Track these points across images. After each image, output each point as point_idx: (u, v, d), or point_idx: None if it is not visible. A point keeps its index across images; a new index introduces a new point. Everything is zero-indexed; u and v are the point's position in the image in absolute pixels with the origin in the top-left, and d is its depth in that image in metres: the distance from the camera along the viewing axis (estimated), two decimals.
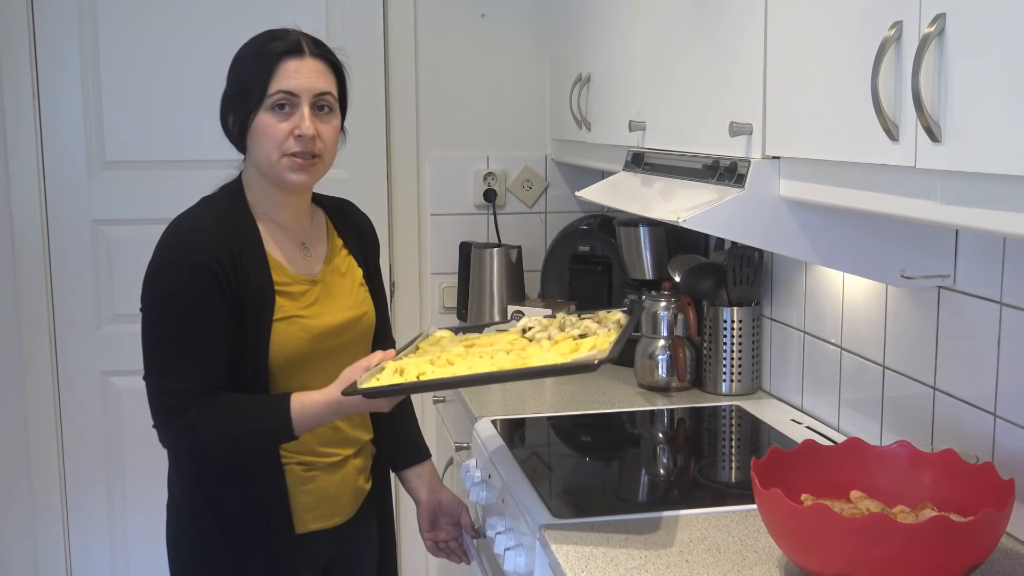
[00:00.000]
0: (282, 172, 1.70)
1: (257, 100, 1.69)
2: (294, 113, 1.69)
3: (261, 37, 1.77)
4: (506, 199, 3.15)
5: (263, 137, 1.69)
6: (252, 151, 1.73)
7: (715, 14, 1.78)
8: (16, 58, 2.86)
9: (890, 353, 1.90)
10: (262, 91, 1.68)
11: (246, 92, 1.70)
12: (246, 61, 1.74)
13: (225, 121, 1.76)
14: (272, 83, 1.69)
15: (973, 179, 1.13)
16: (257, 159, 1.72)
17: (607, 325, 1.76)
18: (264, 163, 1.71)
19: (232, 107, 1.73)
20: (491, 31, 3.09)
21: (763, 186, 1.62)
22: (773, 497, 1.36)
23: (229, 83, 1.75)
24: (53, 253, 2.96)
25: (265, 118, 1.69)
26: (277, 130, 1.68)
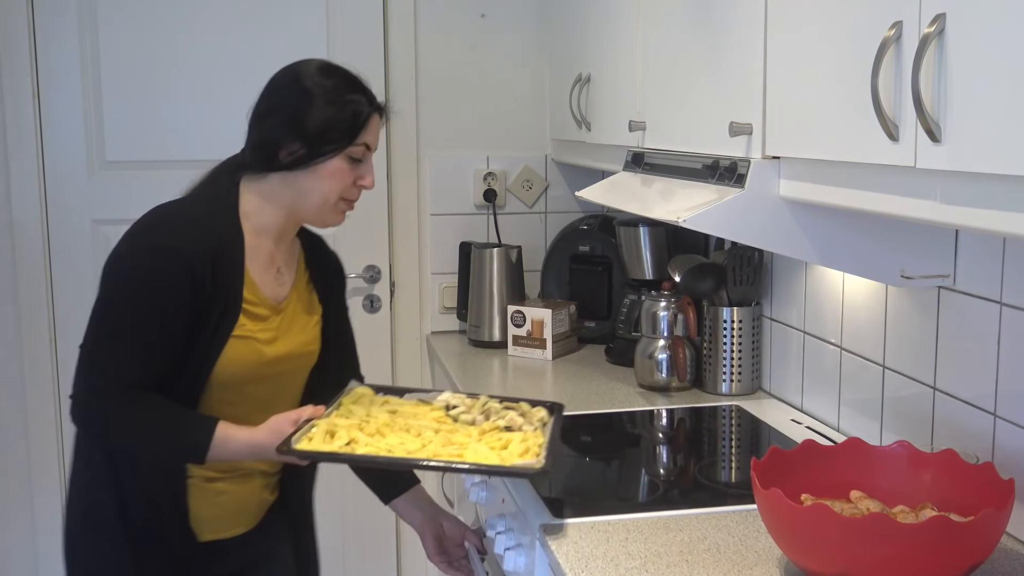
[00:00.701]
0: (329, 214, 1.74)
1: (342, 146, 1.69)
2: (361, 164, 1.74)
3: (351, 81, 1.76)
4: (506, 199, 3.15)
5: (331, 179, 1.70)
6: (301, 184, 1.70)
7: (715, 14, 1.78)
8: (16, 58, 2.86)
9: (890, 353, 1.90)
10: (351, 139, 1.70)
11: (330, 132, 1.68)
12: (335, 101, 1.71)
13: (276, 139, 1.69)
14: (362, 135, 1.71)
15: (973, 179, 1.13)
16: (306, 194, 1.71)
17: (532, 422, 1.76)
18: (315, 201, 1.71)
19: (301, 136, 1.68)
20: (491, 31, 3.09)
21: (763, 186, 1.62)
22: (773, 497, 1.36)
23: (301, 110, 1.69)
24: (53, 253, 2.96)
25: (341, 163, 1.70)
26: (348, 177, 1.72)
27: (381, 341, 3.13)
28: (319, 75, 1.73)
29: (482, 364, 2.77)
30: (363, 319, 3.11)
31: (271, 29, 2.96)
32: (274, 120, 1.72)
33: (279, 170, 1.70)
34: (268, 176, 1.72)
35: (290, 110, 1.70)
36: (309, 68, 1.75)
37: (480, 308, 2.96)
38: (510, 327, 2.83)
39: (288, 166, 1.69)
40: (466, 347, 2.96)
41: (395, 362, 3.15)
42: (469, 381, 2.57)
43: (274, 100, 1.74)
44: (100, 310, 1.64)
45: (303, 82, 1.72)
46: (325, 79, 1.73)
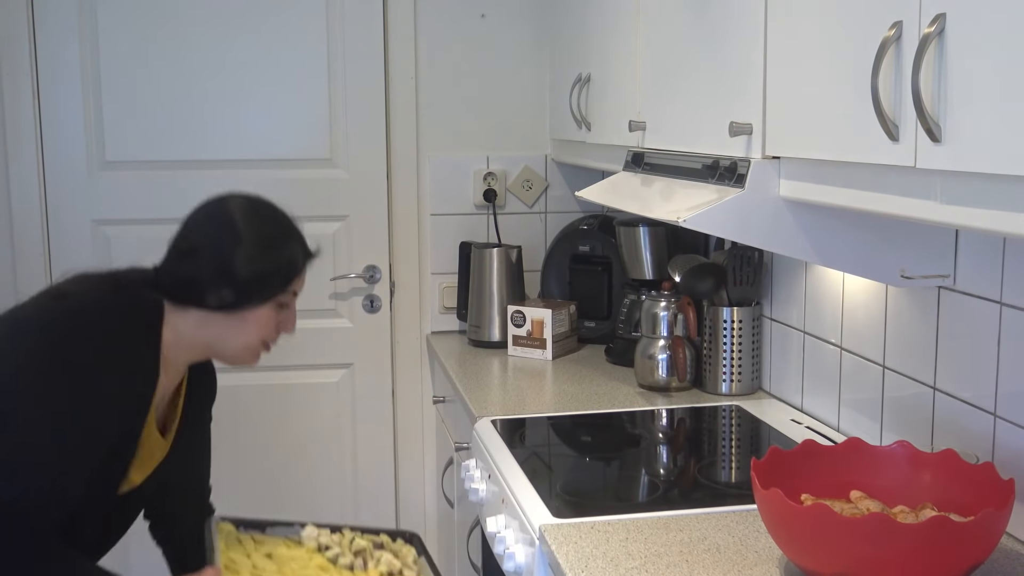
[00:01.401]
0: (248, 356, 1.68)
1: (274, 295, 1.65)
2: (286, 308, 1.69)
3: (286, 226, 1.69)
4: (506, 199, 3.15)
5: (257, 325, 1.65)
6: (223, 327, 1.63)
7: (715, 14, 1.78)
8: (16, 58, 2.86)
9: (890, 353, 1.90)
10: (283, 288, 1.66)
11: (264, 281, 1.63)
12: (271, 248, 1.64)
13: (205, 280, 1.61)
14: (293, 283, 1.68)
15: (973, 179, 1.13)
16: (227, 338, 1.65)
17: (407, 563, 1.79)
18: (235, 345, 1.66)
19: (232, 282, 1.61)
20: (491, 31, 3.09)
21: (763, 186, 1.62)
22: (773, 497, 1.36)
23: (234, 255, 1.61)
24: (53, 253, 2.97)
25: (267, 311, 1.65)
26: (271, 323, 1.66)
27: (381, 341, 3.13)
28: (255, 218, 1.65)
29: (482, 364, 2.77)
30: (363, 319, 3.11)
31: (271, 29, 2.96)
32: (204, 260, 1.63)
33: (202, 308, 1.63)
34: (187, 311, 1.64)
35: (222, 253, 1.62)
36: (244, 207, 1.66)
37: (480, 308, 2.96)
38: (510, 327, 2.83)
39: (212, 308, 1.62)
40: (466, 347, 2.97)
41: (395, 362, 3.15)
42: (469, 381, 2.57)
43: (204, 238, 1.65)
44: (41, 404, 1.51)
45: (237, 225, 1.63)
46: (261, 223, 1.65)
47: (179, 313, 1.64)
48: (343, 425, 3.13)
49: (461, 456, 2.47)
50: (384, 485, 3.17)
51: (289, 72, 2.98)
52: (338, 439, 3.13)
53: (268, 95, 2.98)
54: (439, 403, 3.01)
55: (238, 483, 2.98)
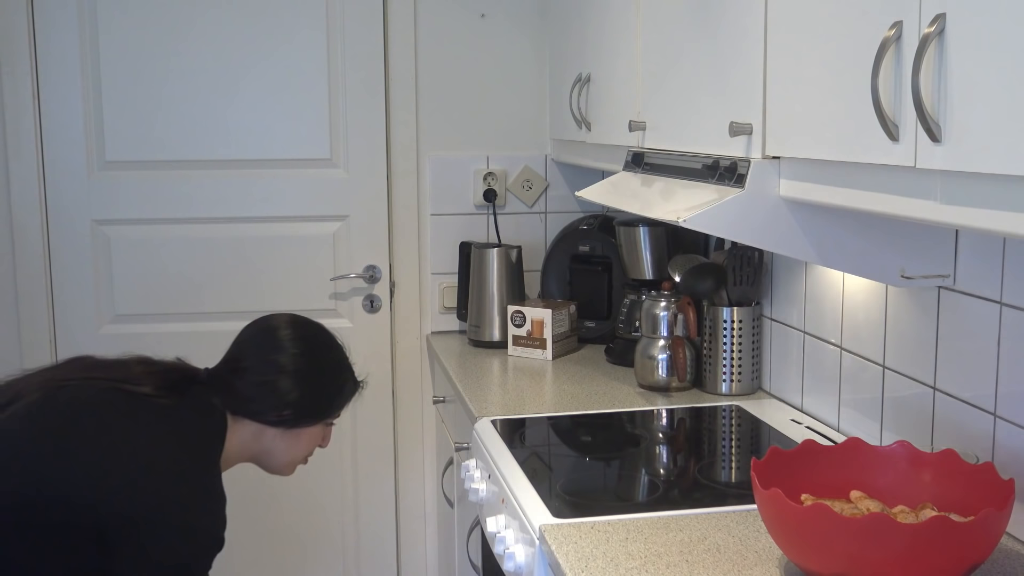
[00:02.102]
0: (290, 469, 1.87)
1: (330, 416, 1.87)
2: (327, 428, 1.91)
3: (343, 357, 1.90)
4: (506, 199, 3.15)
5: (309, 440, 1.85)
6: (276, 440, 1.80)
7: (715, 14, 1.78)
8: (16, 58, 2.86)
9: (890, 353, 1.90)
10: (337, 412, 1.88)
11: (326, 405, 1.85)
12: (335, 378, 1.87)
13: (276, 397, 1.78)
14: (342, 410, 1.91)
15: (973, 179, 1.13)
16: (278, 451, 1.82)
17: None
18: (284, 459, 1.83)
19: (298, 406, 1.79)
20: (491, 31, 3.09)
21: (763, 186, 1.62)
22: (773, 497, 1.36)
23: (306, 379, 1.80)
24: (53, 253, 2.97)
25: (317, 430, 1.86)
26: (316, 440, 1.88)
27: (381, 341, 3.13)
28: (317, 345, 1.85)
29: (482, 364, 2.77)
30: (363, 319, 3.11)
31: (271, 29, 2.96)
32: (270, 381, 1.78)
33: (260, 422, 1.78)
34: (244, 422, 1.78)
35: (285, 376, 1.79)
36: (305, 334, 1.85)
37: (480, 308, 2.96)
38: (510, 327, 2.83)
39: (271, 423, 1.79)
40: (466, 347, 2.97)
41: (395, 362, 3.15)
42: (469, 381, 2.57)
43: (265, 361, 1.80)
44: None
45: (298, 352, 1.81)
46: (323, 352, 1.86)
47: (236, 423, 1.78)
48: (343, 425, 3.13)
49: (461, 456, 2.47)
50: (384, 485, 3.17)
51: (289, 72, 2.98)
52: (338, 439, 3.12)
53: (268, 95, 2.98)
54: (439, 403, 3.01)
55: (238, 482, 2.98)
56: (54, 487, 1.57)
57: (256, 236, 3.02)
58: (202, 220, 3.00)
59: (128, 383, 1.71)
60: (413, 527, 3.22)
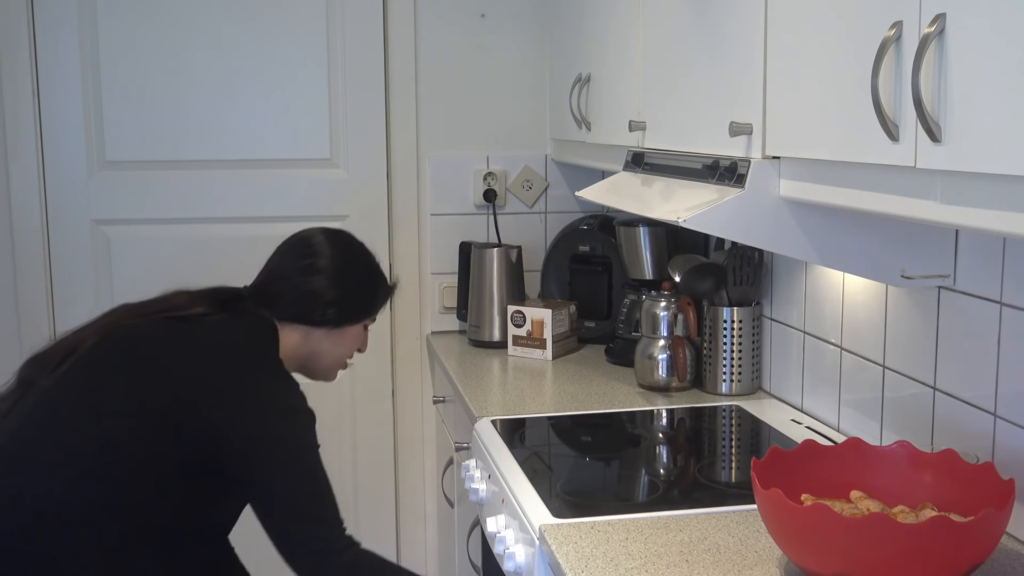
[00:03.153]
0: (334, 370, 1.94)
1: (371, 314, 1.94)
2: (365, 331, 1.96)
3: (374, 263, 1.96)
4: (506, 199, 3.15)
5: (349, 343, 1.92)
6: (322, 341, 1.87)
7: (715, 14, 1.78)
8: (16, 58, 2.86)
9: (890, 353, 1.90)
10: (372, 314, 1.95)
11: (365, 304, 1.92)
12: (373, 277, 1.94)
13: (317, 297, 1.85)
14: (378, 311, 1.97)
15: (973, 179, 1.13)
16: (323, 351, 1.89)
17: None
18: (331, 357, 1.90)
19: (338, 302, 1.86)
20: (491, 31, 3.09)
21: (763, 186, 1.62)
22: (773, 497, 1.36)
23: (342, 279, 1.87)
24: (53, 253, 2.97)
25: (359, 330, 1.93)
26: (357, 341, 1.94)
27: (381, 341, 3.13)
28: (352, 248, 1.93)
29: (482, 364, 2.77)
30: None
31: (271, 29, 2.96)
32: (318, 281, 1.86)
33: (306, 324, 1.85)
34: (292, 327, 1.85)
35: (332, 276, 1.86)
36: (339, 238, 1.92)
37: (480, 308, 2.96)
38: (510, 327, 2.83)
39: (316, 323, 1.85)
40: (466, 347, 2.97)
41: (395, 362, 3.15)
42: (469, 381, 2.57)
43: (319, 261, 1.87)
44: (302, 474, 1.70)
45: (334, 252, 1.88)
46: (362, 255, 1.94)
47: (284, 328, 1.85)
48: (343, 425, 3.13)
49: (461, 456, 2.47)
50: (384, 485, 3.17)
51: (289, 72, 2.98)
52: (338, 439, 3.12)
53: (268, 95, 2.98)
54: (439, 403, 3.01)
55: None
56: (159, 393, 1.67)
57: (256, 236, 3.01)
58: (202, 220, 3.00)
59: (178, 311, 1.80)
60: (413, 527, 3.22)
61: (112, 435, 1.62)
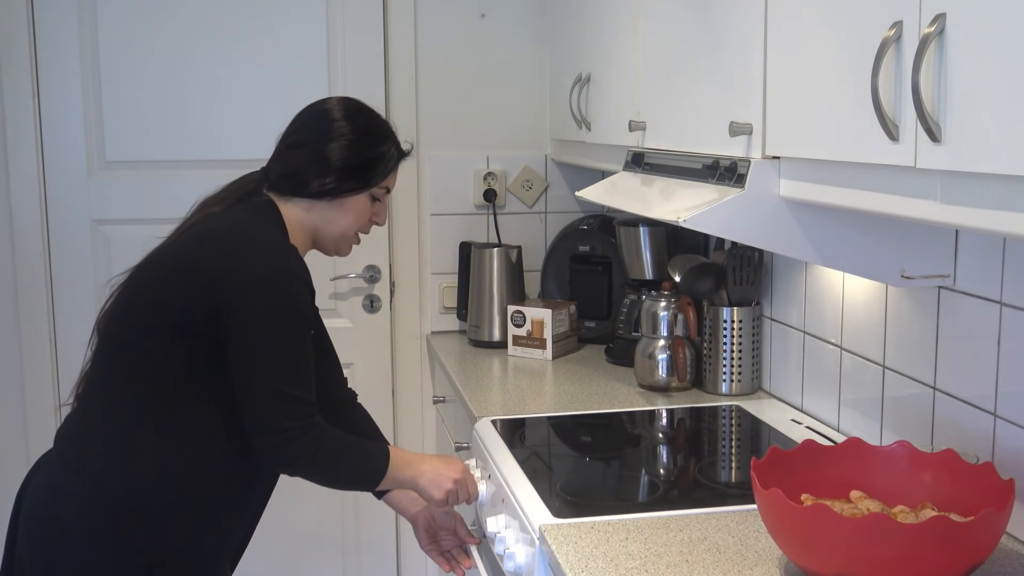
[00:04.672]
0: (342, 244, 1.87)
1: (371, 184, 1.83)
2: (379, 203, 1.87)
3: (383, 127, 1.88)
4: (506, 199, 3.15)
5: (353, 214, 1.83)
6: (326, 213, 1.82)
7: (715, 14, 1.78)
8: (16, 58, 2.86)
9: (890, 353, 1.90)
10: (379, 180, 1.84)
11: (365, 171, 1.82)
12: (375, 144, 1.84)
13: (311, 169, 1.80)
14: (389, 178, 1.86)
15: (973, 179, 1.13)
16: (328, 222, 1.83)
17: None
18: (334, 230, 1.84)
19: (334, 171, 1.79)
20: (491, 31, 3.09)
21: (763, 186, 1.62)
22: (773, 497, 1.36)
23: (337, 147, 1.80)
24: (53, 253, 2.96)
25: (366, 200, 1.84)
26: (366, 214, 1.85)
27: (381, 341, 3.13)
28: (356, 116, 1.84)
29: (482, 364, 2.77)
30: (363, 319, 3.11)
31: (271, 29, 2.96)
32: (310, 152, 1.81)
33: (306, 196, 1.81)
34: (293, 200, 1.81)
35: (326, 145, 1.80)
36: (348, 107, 1.85)
37: (480, 308, 2.96)
38: (510, 327, 2.83)
39: (315, 195, 1.80)
40: (466, 347, 2.97)
41: (395, 362, 3.15)
42: (469, 381, 2.57)
43: (311, 133, 1.83)
44: (271, 342, 1.67)
45: (341, 120, 1.82)
46: (363, 121, 1.85)
47: (287, 204, 1.82)
48: None
49: (461, 456, 2.47)
50: None
51: (289, 72, 2.98)
52: None
53: (268, 95, 2.98)
54: (439, 403, 3.00)
55: None
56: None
57: None
58: None
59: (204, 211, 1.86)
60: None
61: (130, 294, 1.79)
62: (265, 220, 1.80)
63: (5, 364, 2.98)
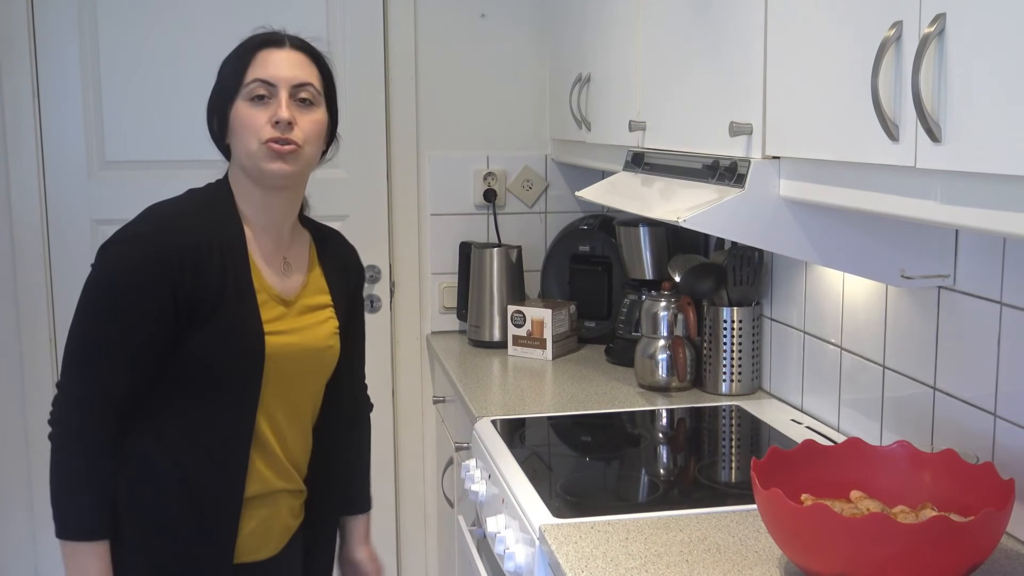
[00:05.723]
0: (260, 161, 1.64)
1: (233, 91, 1.65)
2: (272, 103, 1.64)
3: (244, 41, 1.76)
4: (506, 199, 3.15)
5: (241, 128, 1.64)
6: (234, 146, 1.68)
7: (715, 14, 1.78)
8: (16, 58, 2.86)
9: (890, 353, 1.90)
10: (238, 81, 1.65)
11: (224, 86, 1.67)
12: (227, 60, 1.71)
13: (211, 124, 1.72)
14: (249, 72, 1.65)
15: (973, 179, 1.13)
16: (237, 153, 1.67)
17: None
18: (243, 154, 1.65)
19: (214, 106, 1.69)
20: (491, 31, 3.09)
21: (763, 186, 1.62)
22: (773, 497, 1.36)
23: (214, 86, 1.71)
24: (53, 253, 2.96)
25: (242, 108, 1.64)
26: (255, 119, 1.63)
27: (381, 341, 3.13)
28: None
29: (482, 364, 2.77)
30: None
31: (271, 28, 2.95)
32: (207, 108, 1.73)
33: (223, 151, 1.73)
34: (233, 159, 1.72)
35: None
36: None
37: (480, 308, 2.96)
38: (510, 327, 2.83)
39: (220, 141, 1.71)
40: (466, 347, 2.97)
41: (395, 362, 3.15)
42: (469, 381, 2.57)
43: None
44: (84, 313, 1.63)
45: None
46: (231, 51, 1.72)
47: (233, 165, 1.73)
48: None
49: (461, 456, 2.47)
50: (384, 485, 3.17)
51: None
52: None
53: None
54: (439, 403, 3.00)
55: None
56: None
57: None
58: None
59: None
60: (413, 527, 3.22)
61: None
62: (198, 191, 1.74)
63: (5, 364, 2.98)
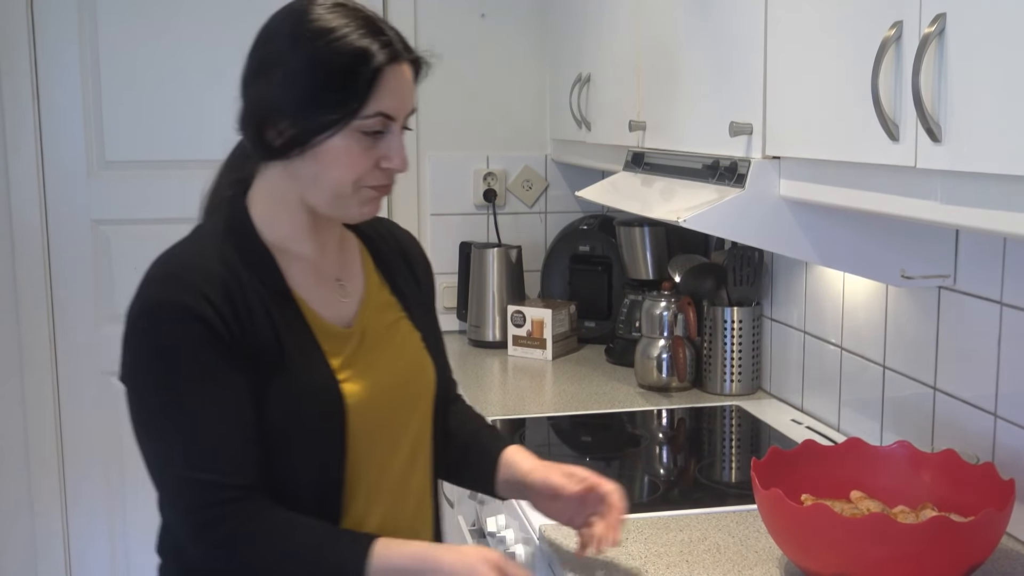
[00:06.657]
0: (351, 206, 1.32)
1: (344, 120, 1.26)
2: (382, 138, 1.31)
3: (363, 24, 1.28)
4: (506, 199, 3.15)
5: (338, 165, 1.28)
6: (303, 171, 1.30)
7: (715, 14, 1.78)
8: (16, 58, 2.86)
9: (890, 353, 1.90)
10: (355, 107, 1.26)
11: (322, 101, 1.26)
12: (329, 57, 1.26)
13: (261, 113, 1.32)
14: (372, 101, 1.27)
15: (973, 179, 1.13)
16: (311, 181, 1.31)
17: None
18: (328, 192, 1.30)
19: (291, 113, 1.28)
20: (491, 31, 3.09)
21: (763, 186, 1.62)
22: (773, 497, 1.36)
23: (287, 75, 1.27)
24: (53, 253, 2.96)
25: (350, 143, 1.27)
26: (362, 160, 1.29)
27: None
28: (325, 16, 1.27)
29: (482, 364, 2.77)
30: None
31: None
32: (261, 86, 1.30)
33: (275, 158, 1.32)
34: (269, 168, 1.34)
35: (279, 70, 1.27)
36: (313, 8, 1.28)
37: (480, 308, 2.96)
38: (510, 327, 2.83)
39: (281, 151, 1.30)
40: (466, 347, 2.96)
41: None
42: (469, 381, 2.57)
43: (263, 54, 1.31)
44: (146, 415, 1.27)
45: (298, 28, 1.27)
46: (328, 22, 1.26)
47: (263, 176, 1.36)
48: None
49: None
50: None
51: None
52: None
53: None
54: None
55: None
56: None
57: None
58: None
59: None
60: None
61: None
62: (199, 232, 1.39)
63: (5, 364, 2.97)
